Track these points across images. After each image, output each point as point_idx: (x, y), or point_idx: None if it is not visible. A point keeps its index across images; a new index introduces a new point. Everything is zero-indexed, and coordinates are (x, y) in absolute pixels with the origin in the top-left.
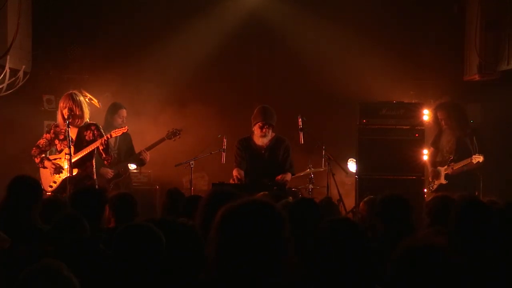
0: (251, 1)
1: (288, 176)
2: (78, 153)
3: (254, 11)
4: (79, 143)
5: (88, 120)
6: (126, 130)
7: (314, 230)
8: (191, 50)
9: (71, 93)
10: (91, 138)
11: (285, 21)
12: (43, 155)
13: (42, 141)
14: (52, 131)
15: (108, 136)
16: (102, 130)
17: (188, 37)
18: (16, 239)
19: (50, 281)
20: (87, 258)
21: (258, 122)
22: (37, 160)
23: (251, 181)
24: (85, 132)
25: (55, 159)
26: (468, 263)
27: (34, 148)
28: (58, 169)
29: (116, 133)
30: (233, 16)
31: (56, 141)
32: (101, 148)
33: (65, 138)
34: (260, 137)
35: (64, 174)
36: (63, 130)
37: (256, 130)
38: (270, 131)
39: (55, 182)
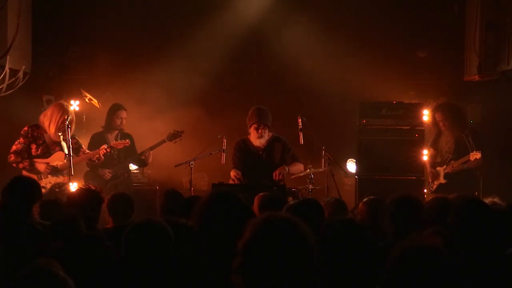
0: (251, 4)
1: (295, 166)
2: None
3: (254, 13)
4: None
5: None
6: (128, 143)
7: (317, 230)
8: (191, 50)
9: (66, 105)
10: (72, 147)
11: (285, 23)
12: (29, 160)
13: (19, 147)
14: (29, 135)
15: (108, 149)
16: (77, 138)
17: (188, 38)
18: (15, 239)
19: (46, 282)
20: (84, 258)
21: (253, 123)
22: (24, 165)
23: (251, 182)
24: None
25: (46, 163)
26: (468, 263)
27: (12, 156)
28: (55, 172)
29: (117, 145)
30: (234, 18)
31: (33, 146)
32: (93, 158)
33: (43, 143)
34: (257, 138)
35: (55, 179)
36: (40, 134)
37: (252, 131)
38: (266, 131)
39: (43, 187)
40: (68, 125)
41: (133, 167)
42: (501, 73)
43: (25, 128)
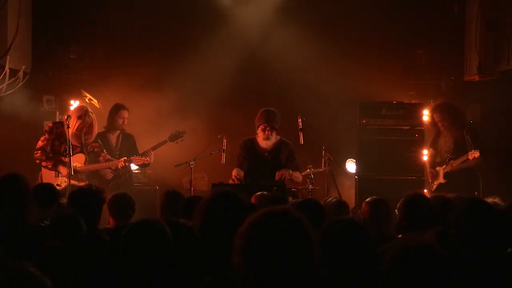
0: (252, 5)
1: (297, 174)
2: (90, 166)
3: (255, 13)
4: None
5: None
6: (147, 161)
7: (317, 230)
8: (192, 51)
9: (86, 110)
10: (94, 150)
11: (285, 22)
12: (57, 159)
13: (45, 143)
14: (54, 131)
15: (127, 163)
16: (100, 142)
17: (189, 38)
18: (13, 238)
19: (23, 284)
20: (84, 258)
21: (260, 124)
22: (47, 164)
23: (251, 181)
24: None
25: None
26: (468, 263)
27: (38, 152)
28: (74, 173)
29: (137, 161)
30: (234, 20)
31: (57, 142)
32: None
33: (65, 141)
34: (264, 140)
35: (74, 180)
36: (63, 132)
37: (259, 132)
38: (274, 134)
39: (58, 185)
40: (68, 125)
41: (134, 167)
42: (501, 73)
43: (50, 124)
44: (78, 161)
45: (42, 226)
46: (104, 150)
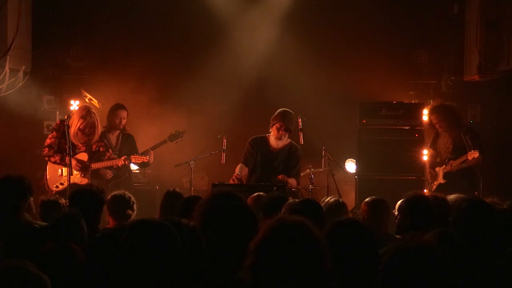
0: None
1: (292, 181)
2: (92, 164)
3: (254, 18)
4: (88, 152)
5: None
6: (147, 160)
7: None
8: (190, 50)
9: (88, 111)
10: (100, 150)
11: (285, 21)
12: (60, 155)
13: (53, 140)
14: (61, 128)
15: (126, 161)
16: (105, 141)
17: (189, 39)
18: (13, 238)
19: (20, 281)
20: (85, 257)
21: (276, 123)
22: (55, 159)
23: (254, 181)
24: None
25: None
26: (469, 264)
27: (46, 149)
28: (84, 168)
29: (136, 159)
30: (235, 23)
31: (63, 140)
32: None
33: (70, 140)
34: (276, 139)
35: (76, 179)
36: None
37: (273, 130)
38: (287, 135)
39: (62, 184)
40: (67, 125)
41: (134, 167)
42: (501, 73)
43: (57, 122)
44: (81, 159)
45: (42, 227)
46: (110, 150)
